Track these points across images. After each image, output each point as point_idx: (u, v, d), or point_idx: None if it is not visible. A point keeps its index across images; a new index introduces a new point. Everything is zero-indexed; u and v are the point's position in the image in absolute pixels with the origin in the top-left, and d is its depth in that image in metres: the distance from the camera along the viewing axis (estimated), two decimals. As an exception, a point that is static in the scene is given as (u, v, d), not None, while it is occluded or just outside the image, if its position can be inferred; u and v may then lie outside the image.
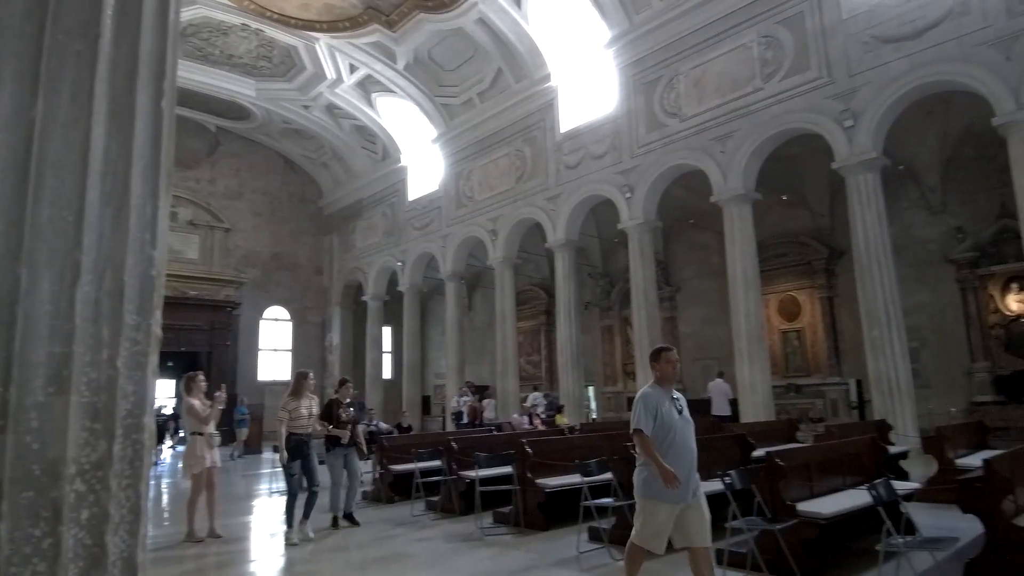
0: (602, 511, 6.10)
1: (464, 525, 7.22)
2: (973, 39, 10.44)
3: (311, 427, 6.93)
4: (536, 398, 16.45)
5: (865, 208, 11.57)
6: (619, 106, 15.93)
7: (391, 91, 21.14)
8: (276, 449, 7.14)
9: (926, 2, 10.99)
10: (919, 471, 8.43)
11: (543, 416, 14.84)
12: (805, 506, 5.11)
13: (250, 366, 25.62)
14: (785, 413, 14.28)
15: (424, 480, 8.31)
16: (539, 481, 6.86)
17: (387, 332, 26.93)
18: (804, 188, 15.86)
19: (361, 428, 8.09)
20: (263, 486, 11.72)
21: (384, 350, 26.01)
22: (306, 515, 6.81)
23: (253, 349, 25.98)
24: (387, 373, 26.56)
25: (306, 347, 27.05)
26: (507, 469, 7.29)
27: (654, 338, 15.08)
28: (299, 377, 7.08)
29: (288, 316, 27.26)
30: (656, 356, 4.25)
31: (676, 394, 4.25)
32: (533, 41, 17.42)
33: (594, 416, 20.60)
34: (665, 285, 19.12)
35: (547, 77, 17.74)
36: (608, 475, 6.21)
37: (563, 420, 14.65)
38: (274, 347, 26.80)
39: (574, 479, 6.37)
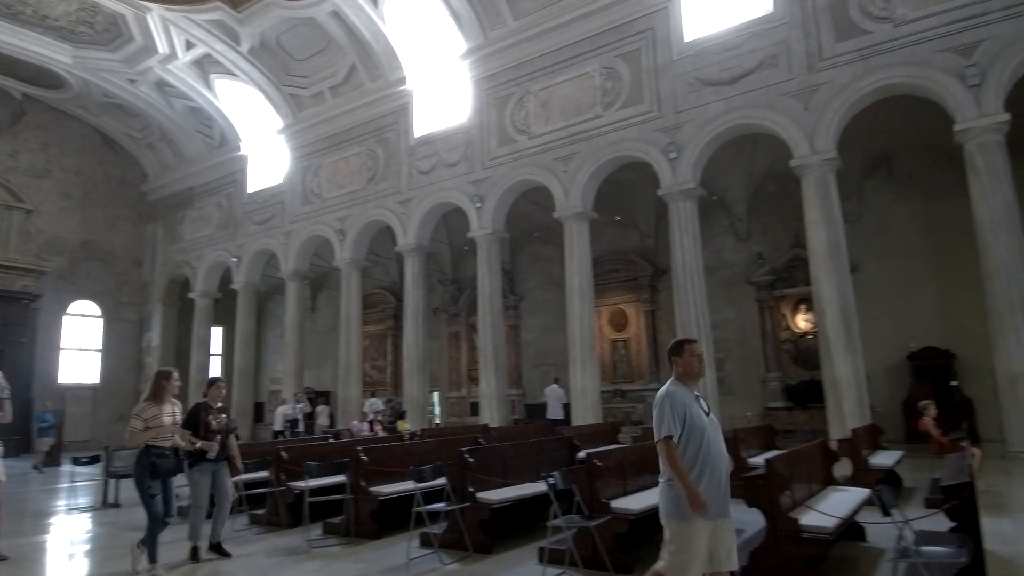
0: (434, 516, 6.19)
1: (291, 538, 6.94)
2: (779, 89, 12.07)
3: (172, 437, 5.64)
4: (375, 404, 16.19)
5: (683, 232, 12.89)
6: (473, 117, 16.27)
7: (233, 74, 19.76)
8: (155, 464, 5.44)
9: (742, 53, 12.52)
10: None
11: (384, 422, 14.65)
12: (618, 503, 5.56)
13: (49, 367, 22.49)
14: (611, 416, 15.39)
15: (248, 493, 7.87)
16: (373, 489, 6.80)
17: (217, 333, 24.99)
18: (635, 210, 17.27)
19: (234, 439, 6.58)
20: (62, 502, 10.36)
21: (212, 352, 24.07)
22: (152, 556, 5.37)
23: (54, 348, 22.84)
24: (216, 377, 24.59)
25: (119, 347, 24.30)
26: (340, 478, 7.14)
27: (498, 344, 15.59)
28: (160, 377, 5.70)
29: (99, 312, 24.32)
30: (678, 349, 3.59)
31: (698, 392, 3.61)
32: (389, 42, 17.24)
33: (437, 422, 20.71)
34: (511, 294, 19.79)
35: (402, 80, 17.63)
36: (443, 480, 6.32)
37: (405, 426, 14.58)
38: (80, 347, 23.74)
39: (409, 486, 6.40)
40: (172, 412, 5.65)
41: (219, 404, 6.27)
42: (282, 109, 20.08)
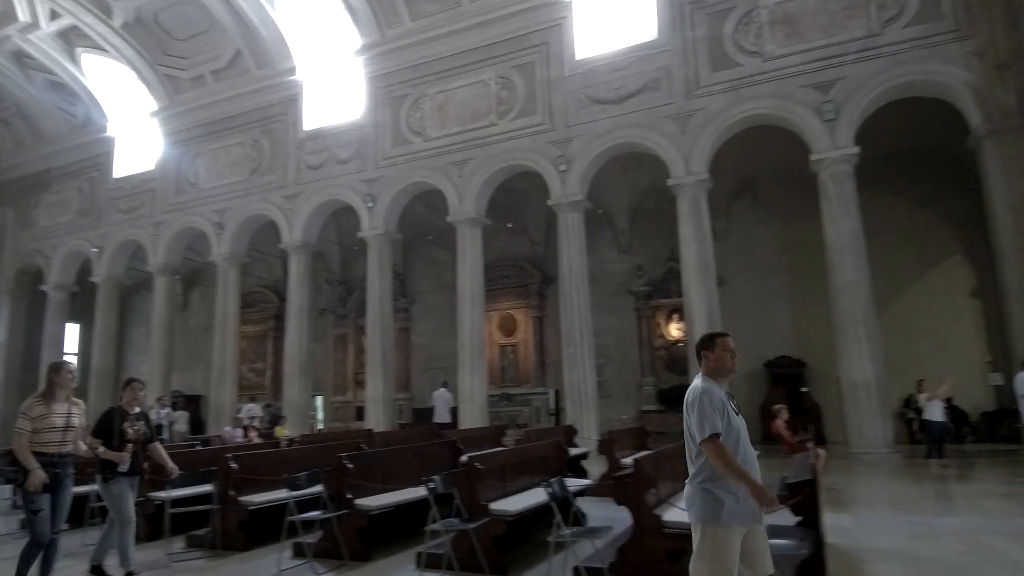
0: (310, 525, 6.00)
1: (149, 552, 6.45)
2: (660, 112, 12.84)
3: (69, 444, 4.81)
4: (251, 409, 15.39)
5: (570, 242, 13.38)
6: (367, 115, 15.95)
7: (102, 49, 18.12)
8: (11, 478, 4.76)
9: (628, 75, 13.19)
10: (596, 469, 9.91)
11: (261, 428, 13.96)
12: (498, 505, 5.66)
13: None
14: (498, 419, 15.58)
15: (101, 504, 7.22)
16: (243, 498, 6.47)
17: (73, 330, 22.69)
18: (526, 219, 17.68)
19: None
20: None
21: (68, 351, 21.81)
22: None
23: None
24: (69, 378, 22.31)
25: (-48, 343, 21.42)
26: (208, 487, 6.74)
27: (387, 347, 15.36)
28: (49, 371, 4.88)
29: (-73, 304, 21.31)
30: (709, 343, 3.34)
31: (728, 389, 3.35)
32: (279, 29, 16.53)
33: (320, 427, 20.02)
34: (402, 296, 19.54)
35: (292, 70, 16.96)
36: (320, 487, 6.14)
37: (283, 432, 13.97)
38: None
39: (283, 494, 6.15)
40: (66, 413, 4.82)
41: (136, 409, 5.40)
42: (156, 90, 18.65)
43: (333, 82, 16.84)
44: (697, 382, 3.23)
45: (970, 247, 13.76)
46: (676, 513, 5.15)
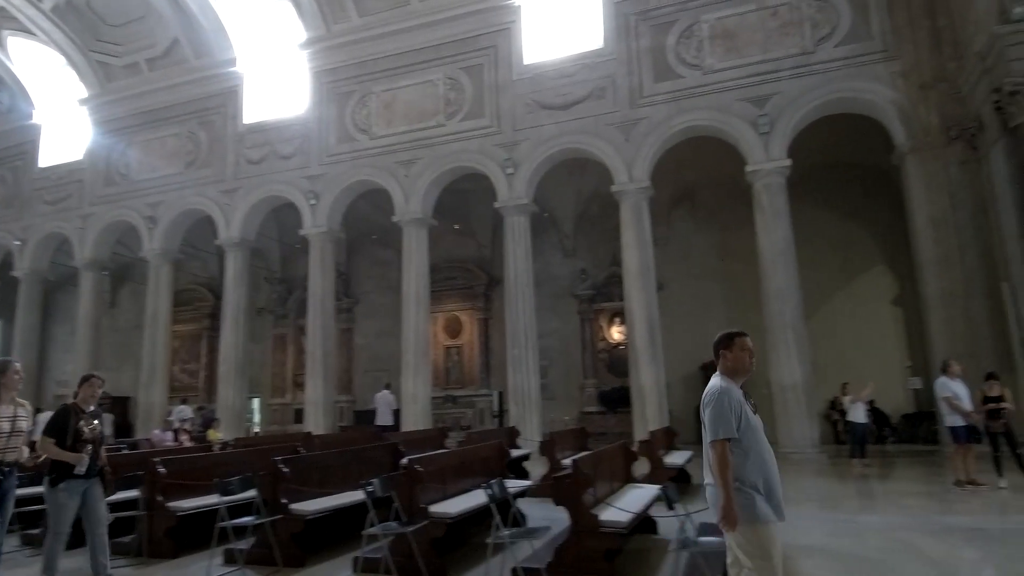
0: (241, 532, 5.83)
1: (72, 561, 6.13)
2: (605, 119, 13.07)
3: (15, 450, 4.49)
4: (183, 411, 14.81)
5: (517, 245, 13.47)
6: (311, 110, 15.62)
7: (31, 33, 17.16)
8: None
9: (575, 82, 13.39)
10: (538, 470, 9.99)
11: (193, 431, 13.44)
12: (437, 508, 5.63)
13: None
14: (441, 422, 15.53)
15: (20, 511, 6.81)
16: (171, 504, 6.23)
17: (-12, 327, 21.30)
18: (473, 221, 17.68)
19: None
20: None
21: (-18, 350, 20.46)
22: None
23: None
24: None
25: None
26: (134, 493, 6.45)
27: (328, 348, 15.07)
28: None
29: None
30: (727, 342, 3.26)
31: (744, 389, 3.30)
32: (219, 19, 16.02)
33: (256, 430, 19.44)
34: (345, 296, 19.20)
35: (232, 61, 16.46)
36: (253, 492, 5.98)
37: (216, 435, 13.48)
38: None
39: (214, 499, 5.96)
40: (12, 416, 4.50)
41: (92, 407, 5.02)
42: (87, 77, 17.75)
43: (276, 75, 16.42)
44: (716, 381, 3.18)
45: (893, 257, 14.54)
46: (613, 513, 5.27)
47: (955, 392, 8.24)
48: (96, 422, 4.98)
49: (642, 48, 12.99)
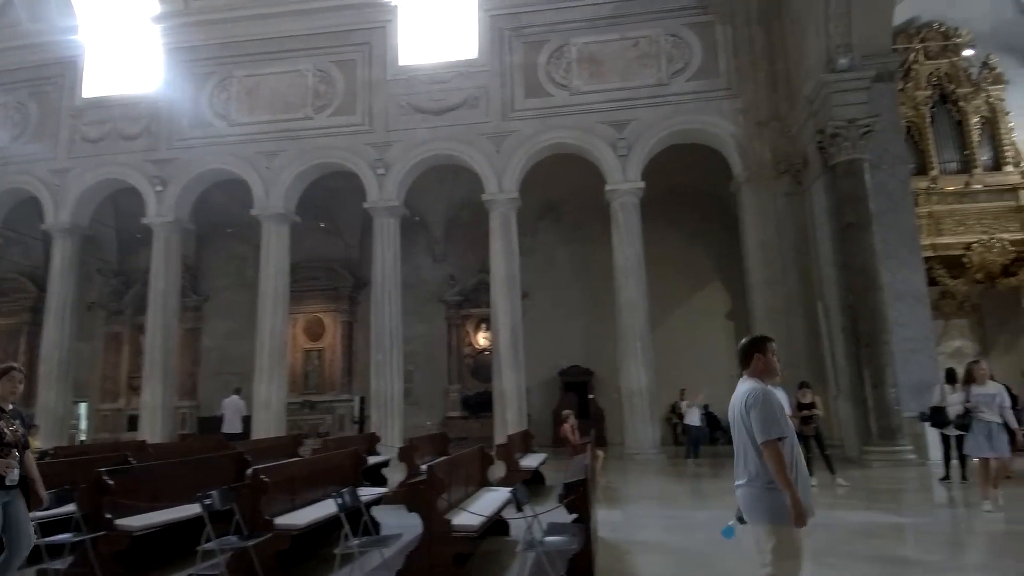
0: (58, 550, 5.25)
1: None
2: (478, 129, 13.28)
3: None
4: (-9, 417, 12.97)
5: (386, 247, 13.28)
6: (162, 89, 14.40)
7: None
8: None
9: (449, 88, 13.48)
10: (397, 477, 9.87)
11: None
12: (284, 519, 5.40)
13: None
14: (297, 428, 14.87)
15: None
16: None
17: None
18: (340, 220, 17.17)
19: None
20: None
21: None
22: None
23: None
24: None
25: None
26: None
27: (169, 349, 13.94)
28: None
29: None
30: (762, 346, 3.33)
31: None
32: (58, -20, 14.31)
33: (82, 438, 17.48)
34: (193, 293, 17.82)
35: (73, 29, 14.78)
36: (72, 507, 5.39)
37: (34, 443, 11.94)
38: None
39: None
40: None
41: (11, 406, 4.21)
42: None
43: (124, 49, 14.92)
44: (753, 384, 3.25)
45: (727, 275, 16.04)
46: (465, 517, 5.34)
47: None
48: (17, 423, 4.18)
49: (515, 63, 13.37)
